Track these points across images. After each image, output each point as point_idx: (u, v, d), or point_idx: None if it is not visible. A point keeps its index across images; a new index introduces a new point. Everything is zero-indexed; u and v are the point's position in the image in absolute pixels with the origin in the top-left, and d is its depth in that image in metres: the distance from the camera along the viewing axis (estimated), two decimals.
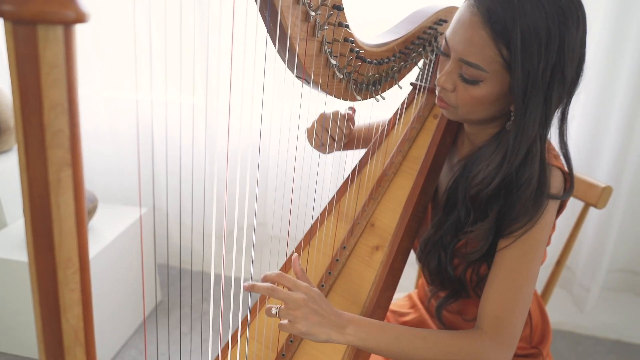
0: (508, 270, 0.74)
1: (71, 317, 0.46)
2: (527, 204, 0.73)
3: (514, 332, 0.72)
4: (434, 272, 0.87)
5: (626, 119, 1.62)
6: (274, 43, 0.60)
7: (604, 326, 1.92)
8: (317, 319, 0.66)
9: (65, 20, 0.38)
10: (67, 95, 0.40)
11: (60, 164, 0.41)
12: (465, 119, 0.80)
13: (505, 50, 0.68)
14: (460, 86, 0.75)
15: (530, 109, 0.70)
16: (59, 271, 0.44)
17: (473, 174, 0.78)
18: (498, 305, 0.73)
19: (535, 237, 0.74)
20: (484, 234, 0.77)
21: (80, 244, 0.45)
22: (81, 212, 0.44)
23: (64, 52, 0.39)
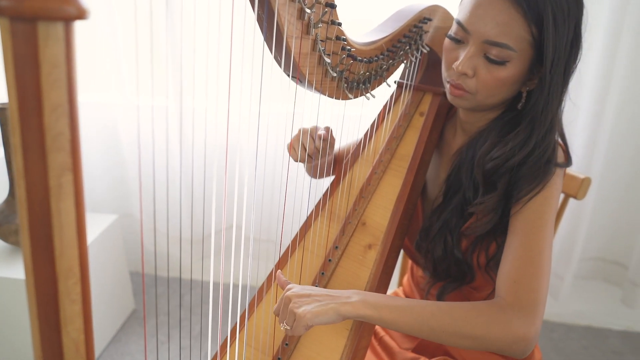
0: (523, 235, 0.74)
1: (72, 331, 0.44)
2: (537, 170, 0.76)
3: (537, 297, 0.69)
4: (440, 258, 0.86)
5: (594, 110, 1.67)
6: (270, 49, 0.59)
7: (576, 313, 1.99)
8: (313, 300, 0.64)
9: (67, 16, 0.36)
10: (67, 97, 0.39)
11: (61, 169, 0.39)
12: (481, 104, 0.80)
13: (535, 28, 0.71)
14: (482, 69, 0.76)
15: (554, 84, 0.74)
16: (59, 282, 0.42)
17: (483, 150, 0.80)
18: (515, 270, 0.71)
19: (547, 201, 0.76)
20: (494, 205, 0.78)
21: (81, 252, 0.43)
22: (82, 219, 0.42)
23: (65, 51, 0.37)
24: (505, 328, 0.66)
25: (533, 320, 0.67)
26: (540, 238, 0.73)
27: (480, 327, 0.66)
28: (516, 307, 0.68)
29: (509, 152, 0.77)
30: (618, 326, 1.96)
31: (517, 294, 0.69)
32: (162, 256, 2.20)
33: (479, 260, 0.85)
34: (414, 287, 1.07)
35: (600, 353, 1.84)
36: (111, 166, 2.08)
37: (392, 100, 0.96)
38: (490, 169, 0.79)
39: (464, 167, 0.83)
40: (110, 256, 1.82)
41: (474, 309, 0.68)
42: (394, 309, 0.66)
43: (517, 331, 0.66)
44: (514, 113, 0.81)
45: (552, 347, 1.87)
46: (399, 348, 0.96)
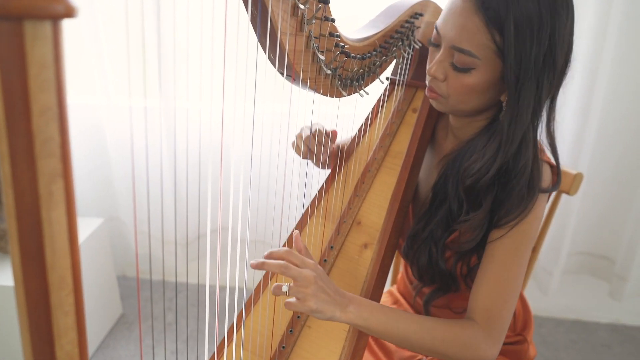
0: (500, 264, 0.75)
1: (66, 343, 0.42)
2: (521, 193, 0.74)
3: (503, 325, 0.75)
4: (424, 267, 0.86)
5: (581, 106, 1.69)
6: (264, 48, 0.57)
7: (564, 307, 2.01)
8: (324, 297, 0.66)
9: (54, 14, 0.34)
10: (57, 99, 0.37)
11: (52, 175, 0.37)
12: (455, 109, 0.80)
13: (498, 37, 0.69)
14: (451, 75, 0.75)
15: (523, 96, 0.71)
16: (52, 293, 0.40)
17: (467, 165, 0.78)
18: (489, 298, 0.75)
19: (527, 231, 0.76)
20: (479, 222, 0.77)
21: (73, 262, 0.41)
22: (73, 228, 0.40)
23: (53, 51, 0.35)
24: (475, 353, 0.73)
25: (497, 345, 0.75)
26: (515, 266, 0.76)
27: (452, 349, 0.72)
28: (486, 333, 0.74)
29: (483, 168, 0.76)
30: (606, 319, 1.99)
31: (489, 322, 0.74)
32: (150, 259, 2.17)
33: (462, 271, 0.86)
34: (408, 285, 1.07)
35: (589, 346, 1.86)
36: (96, 169, 2.04)
37: (385, 97, 0.95)
38: (469, 185, 0.78)
39: (450, 177, 0.82)
40: (97, 261, 1.79)
41: (452, 332, 0.73)
42: (382, 323, 0.70)
43: (484, 355, 0.73)
44: (499, 124, 0.78)
45: (541, 341, 1.88)
46: (395, 347, 0.96)
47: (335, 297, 0.67)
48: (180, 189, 1.97)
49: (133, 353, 1.78)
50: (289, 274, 0.65)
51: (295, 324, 0.77)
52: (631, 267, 1.85)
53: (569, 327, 1.97)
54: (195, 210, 1.88)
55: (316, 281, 0.65)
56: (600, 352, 1.83)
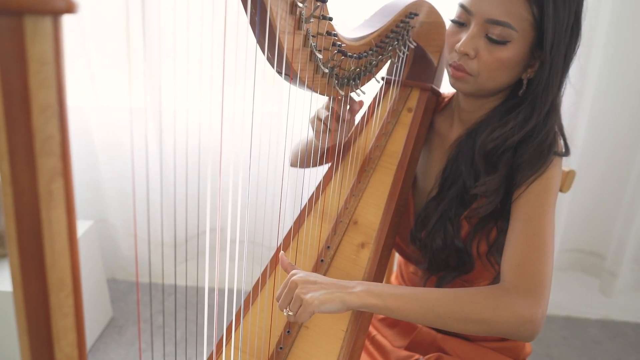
0: (526, 220, 0.74)
1: (65, 346, 0.42)
2: (538, 155, 0.77)
3: (541, 279, 0.69)
4: (439, 249, 0.85)
5: (571, 102, 1.70)
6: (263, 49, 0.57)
7: (556, 304, 2.03)
8: (319, 287, 0.64)
9: (55, 10, 0.34)
10: (57, 97, 0.36)
11: (52, 174, 0.37)
12: (481, 87, 0.80)
13: (536, 8, 0.72)
14: (484, 50, 0.76)
15: (555, 63, 0.74)
16: (51, 295, 0.39)
17: (484, 135, 0.80)
18: (519, 254, 0.71)
19: (548, 186, 0.76)
20: (496, 185, 0.78)
21: (73, 263, 0.40)
22: (73, 228, 0.40)
23: (53, 47, 0.35)
24: (512, 310, 0.66)
25: (539, 302, 0.67)
26: (542, 222, 0.73)
27: (487, 311, 0.66)
28: (521, 290, 0.68)
29: (509, 131, 0.78)
30: (596, 315, 2.01)
31: (522, 277, 0.69)
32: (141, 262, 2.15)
33: (479, 248, 0.85)
34: (402, 284, 1.07)
35: (580, 342, 1.88)
36: (85, 171, 2.02)
37: (380, 97, 0.95)
38: (491, 149, 0.79)
39: (462, 156, 0.83)
40: (87, 263, 1.77)
41: (480, 293, 0.68)
42: (399, 297, 0.66)
43: (524, 313, 0.66)
44: (514, 101, 0.81)
45: None
46: (391, 346, 0.96)
47: (334, 284, 0.66)
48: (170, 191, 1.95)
49: (124, 357, 1.76)
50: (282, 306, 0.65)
51: (293, 325, 0.76)
52: (621, 263, 1.86)
53: (560, 323, 1.99)
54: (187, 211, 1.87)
55: (303, 279, 0.65)
56: (591, 347, 1.85)
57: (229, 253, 0.71)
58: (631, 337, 1.92)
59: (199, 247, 2.01)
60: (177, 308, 2.03)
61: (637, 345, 1.87)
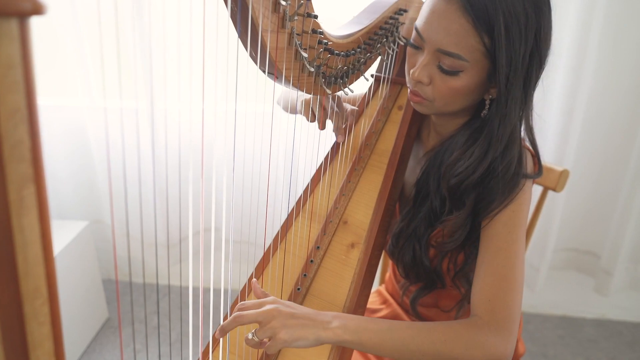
0: (495, 252, 0.73)
1: (42, 354, 0.41)
2: (504, 185, 0.74)
3: (511, 315, 0.69)
4: (409, 265, 0.85)
5: (567, 101, 1.70)
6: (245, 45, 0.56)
7: (551, 303, 2.03)
8: (297, 322, 0.61)
9: (21, 11, 0.33)
10: (26, 101, 0.35)
11: (22, 181, 0.36)
12: (440, 111, 0.79)
13: (487, 38, 0.68)
14: (437, 78, 0.73)
15: (512, 95, 0.71)
16: (25, 304, 0.38)
17: (448, 163, 0.78)
18: (489, 288, 0.71)
19: (517, 215, 0.75)
20: (461, 222, 0.77)
21: (48, 271, 0.39)
22: (47, 235, 0.39)
23: (21, 50, 0.34)
24: (483, 349, 0.67)
25: (508, 337, 0.68)
26: (511, 253, 0.73)
27: (458, 350, 0.66)
28: (492, 327, 0.68)
29: (469, 169, 0.75)
30: (592, 314, 2.01)
31: (493, 313, 0.69)
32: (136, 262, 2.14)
33: (449, 267, 0.84)
34: (396, 284, 1.06)
35: (576, 342, 1.88)
36: (80, 171, 2.01)
37: (370, 95, 0.94)
38: (453, 185, 0.77)
39: (431, 174, 0.82)
40: (82, 264, 1.75)
41: (452, 331, 0.68)
42: (374, 334, 0.65)
43: (495, 351, 0.67)
44: (480, 121, 0.79)
45: (528, 337, 1.89)
46: None
47: (311, 317, 0.63)
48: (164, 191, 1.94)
49: (119, 358, 1.76)
50: (245, 321, 0.62)
51: None
52: (616, 262, 1.87)
53: (556, 323, 1.98)
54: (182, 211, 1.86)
55: (279, 311, 0.62)
56: (587, 347, 1.85)
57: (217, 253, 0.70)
58: (626, 336, 1.92)
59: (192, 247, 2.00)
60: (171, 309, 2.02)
61: (632, 344, 1.87)
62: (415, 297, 0.91)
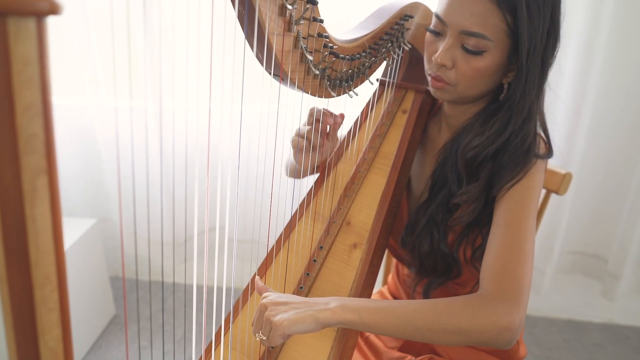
0: (505, 226, 0.74)
1: (50, 340, 0.42)
2: (517, 159, 0.76)
3: (520, 286, 0.68)
4: (427, 253, 0.86)
5: (573, 105, 1.69)
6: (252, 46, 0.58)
7: (557, 307, 2.02)
8: (289, 307, 0.62)
9: (38, 11, 0.35)
10: (41, 96, 0.37)
11: (36, 172, 0.38)
12: (462, 96, 0.80)
13: (510, 17, 0.71)
14: (461, 60, 0.76)
15: (531, 71, 0.74)
16: (35, 290, 0.40)
17: (465, 142, 0.80)
18: (498, 260, 0.70)
19: (528, 191, 0.76)
20: (477, 194, 0.78)
21: (58, 259, 0.41)
22: (58, 225, 0.40)
23: (37, 48, 0.36)
24: (490, 319, 0.65)
25: (517, 309, 0.66)
26: (522, 228, 0.73)
27: (465, 320, 0.65)
28: (500, 297, 0.67)
29: (487, 141, 0.78)
30: (598, 319, 2.00)
31: (501, 284, 0.68)
32: (142, 260, 2.16)
33: (465, 254, 0.85)
34: (399, 285, 1.07)
35: (581, 346, 1.87)
36: (88, 170, 2.04)
37: (375, 99, 0.96)
38: (470, 158, 0.79)
39: (449, 161, 0.84)
40: (90, 261, 1.78)
41: (457, 302, 0.67)
42: (375, 311, 0.64)
43: (502, 321, 0.65)
44: (496, 105, 0.81)
45: (534, 341, 1.89)
46: (384, 347, 0.96)
47: (305, 302, 0.64)
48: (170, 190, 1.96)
49: (125, 354, 1.78)
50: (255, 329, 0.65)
51: None
52: (624, 266, 1.85)
53: (561, 326, 1.97)
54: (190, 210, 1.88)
55: (271, 300, 0.63)
56: (592, 351, 1.84)
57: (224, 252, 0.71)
58: (634, 341, 1.91)
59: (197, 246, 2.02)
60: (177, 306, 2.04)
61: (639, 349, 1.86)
62: (429, 287, 0.90)
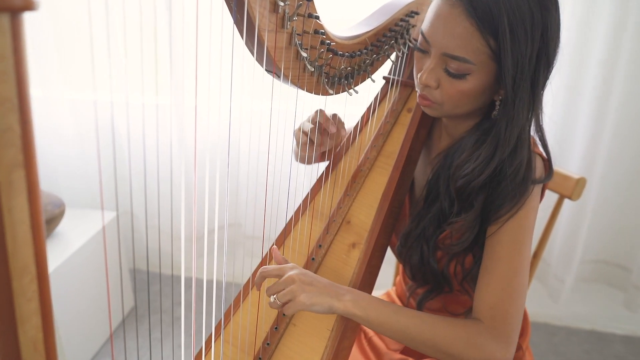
0: (500, 259, 0.73)
1: (29, 329, 0.43)
2: (514, 188, 0.73)
3: (512, 323, 0.71)
4: (416, 266, 0.86)
5: (596, 109, 1.64)
6: (241, 34, 0.57)
7: (578, 316, 1.96)
8: (314, 289, 0.67)
9: (11, 7, 0.35)
10: (16, 90, 0.37)
11: (12, 165, 0.38)
12: (450, 114, 0.79)
13: (492, 40, 0.67)
14: (445, 81, 0.73)
15: (519, 97, 0.70)
16: (13, 280, 0.41)
17: (457, 164, 0.78)
18: (492, 295, 0.72)
19: (523, 223, 0.74)
20: (469, 224, 0.76)
21: (36, 250, 0.42)
22: (37, 216, 0.41)
23: (11, 43, 0.36)
24: (482, 351, 0.68)
25: (508, 346, 0.70)
26: (516, 261, 0.73)
27: (456, 347, 0.68)
28: (493, 333, 0.70)
29: (476, 170, 0.75)
30: (622, 330, 1.93)
31: (493, 321, 0.71)
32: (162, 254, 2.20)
33: (456, 270, 0.84)
34: (405, 287, 1.06)
35: (603, 358, 1.81)
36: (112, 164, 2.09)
37: (380, 97, 0.95)
38: (460, 186, 0.77)
39: (442, 175, 0.82)
40: (110, 253, 1.83)
41: (454, 328, 0.70)
42: (381, 314, 0.68)
43: (491, 357, 0.68)
44: (490, 122, 0.78)
45: (553, 350, 1.84)
46: (386, 349, 0.95)
47: (327, 288, 0.68)
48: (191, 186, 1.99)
49: (141, 345, 1.81)
50: (271, 275, 0.68)
51: (281, 322, 0.77)
52: None
53: (583, 337, 1.91)
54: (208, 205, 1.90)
55: (299, 277, 0.67)
56: None
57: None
58: None
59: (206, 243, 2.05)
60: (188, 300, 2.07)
61: None
62: (422, 300, 0.90)
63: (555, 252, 1.88)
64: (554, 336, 1.91)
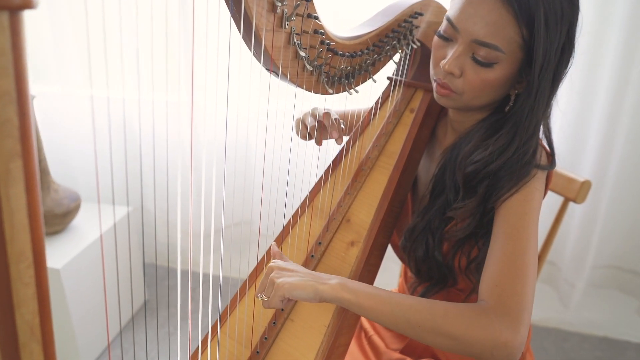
0: (504, 238, 0.71)
1: (26, 313, 0.45)
2: (514, 172, 0.74)
3: (521, 302, 0.65)
4: (421, 259, 0.86)
5: (609, 114, 1.62)
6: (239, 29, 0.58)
7: (590, 323, 1.93)
8: (293, 273, 0.66)
9: (11, 5, 0.37)
10: (15, 84, 0.39)
11: (10, 155, 0.40)
12: (467, 105, 0.78)
13: (525, 30, 0.68)
14: (469, 70, 0.73)
15: (542, 87, 0.71)
16: (11, 266, 0.43)
17: (465, 152, 0.78)
18: (497, 273, 0.68)
19: (527, 203, 0.73)
20: (472, 209, 0.76)
21: (33, 237, 0.44)
22: (34, 204, 0.43)
23: (10, 40, 0.38)
24: (486, 331, 0.62)
25: (517, 326, 0.63)
26: (522, 240, 0.70)
27: (458, 327, 0.63)
28: (499, 311, 0.64)
29: (489, 157, 0.75)
30: (635, 338, 1.89)
31: (500, 298, 0.66)
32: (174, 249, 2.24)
33: (460, 263, 0.83)
34: (406, 288, 1.06)
35: None
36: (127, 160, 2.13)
37: (383, 97, 0.95)
38: (470, 172, 0.77)
39: (448, 168, 0.82)
40: (124, 247, 1.86)
41: (455, 308, 0.65)
42: (372, 297, 0.64)
43: (499, 336, 0.62)
44: (500, 115, 0.79)
45: (564, 356, 1.81)
46: (385, 348, 0.96)
47: (310, 274, 0.67)
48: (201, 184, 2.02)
49: (152, 339, 1.85)
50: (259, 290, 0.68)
51: (279, 317, 0.78)
52: None
53: (595, 343, 1.88)
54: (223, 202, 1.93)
55: (277, 265, 0.67)
56: None
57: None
58: None
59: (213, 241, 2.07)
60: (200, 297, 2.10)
61: None
62: (424, 294, 0.90)
63: (566, 256, 1.86)
64: (566, 342, 1.88)
